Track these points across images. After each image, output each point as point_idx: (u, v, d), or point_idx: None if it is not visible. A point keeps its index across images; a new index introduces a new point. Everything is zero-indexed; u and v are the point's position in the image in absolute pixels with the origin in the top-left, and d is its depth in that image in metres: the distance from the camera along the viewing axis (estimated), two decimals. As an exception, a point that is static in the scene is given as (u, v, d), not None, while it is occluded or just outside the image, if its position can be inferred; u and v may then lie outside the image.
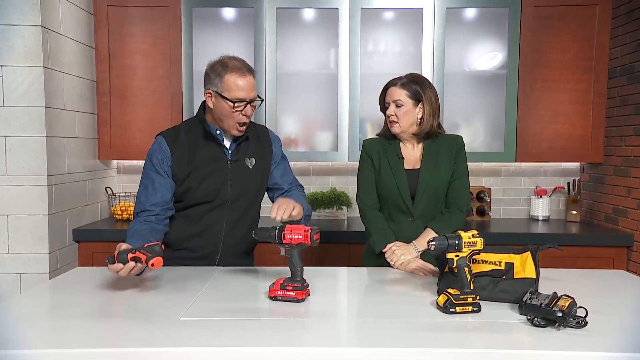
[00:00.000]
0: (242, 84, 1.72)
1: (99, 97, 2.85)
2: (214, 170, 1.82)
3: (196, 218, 1.84)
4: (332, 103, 2.89)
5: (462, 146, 1.98)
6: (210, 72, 1.76)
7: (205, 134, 1.83)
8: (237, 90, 1.72)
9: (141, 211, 1.77)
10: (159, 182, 1.78)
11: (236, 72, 1.72)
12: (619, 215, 2.74)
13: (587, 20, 2.77)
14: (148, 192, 1.78)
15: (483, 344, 1.16)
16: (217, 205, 1.84)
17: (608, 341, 1.15)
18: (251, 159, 1.88)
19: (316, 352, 1.11)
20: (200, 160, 1.81)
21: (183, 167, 1.80)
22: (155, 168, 1.79)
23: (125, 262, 1.48)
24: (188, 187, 1.81)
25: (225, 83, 1.72)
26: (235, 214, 1.86)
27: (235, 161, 1.85)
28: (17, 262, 2.37)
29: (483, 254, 1.44)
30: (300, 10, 2.93)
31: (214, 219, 1.84)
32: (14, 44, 2.30)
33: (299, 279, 1.44)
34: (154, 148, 1.82)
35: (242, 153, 1.87)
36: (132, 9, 2.81)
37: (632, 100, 2.63)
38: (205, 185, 1.81)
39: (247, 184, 1.87)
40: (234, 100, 1.72)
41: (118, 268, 1.48)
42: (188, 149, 1.82)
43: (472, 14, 2.98)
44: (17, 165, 2.34)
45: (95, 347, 1.12)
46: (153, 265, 1.46)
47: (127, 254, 1.48)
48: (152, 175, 1.79)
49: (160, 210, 1.77)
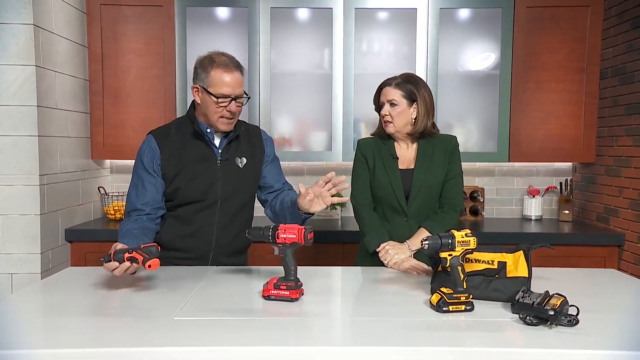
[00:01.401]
0: (228, 80, 1.71)
1: (92, 97, 2.83)
2: (203, 169, 1.81)
3: (187, 218, 1.83)
4: (326, 103, 2.89)
5: (457, 146, 1.99)
6: (198, 67, 1.76)
7: (194, 133, 1.82)
8: (222, 86, 1.71)
9: (132, 210, 1.78)
10: (148, 181, 1.78)
11: (222, 68, 1.71)
12: (610, 214, 2.76)
13: (579, 21, 2.79)
14: (138, 191, 1.78)
15: (476, 343, 1.16)
16: (208, 205, 1.82)
17: (599, 339, 1.16)
18: (242, 159, 1.86)
19: (310, 352, 1.11)
20: (189, 160, 1.80)
21: (172, 166, 1.79)
22: (145, 167, 1.79)
23: (122, 261, 1.48)
24: (177, 186, 1.79)
25: (212, 78, 1.71)
26: (227, 213, 1.85)
27: (225, 160, 1.83)
28: (9, 262, 2.36)
29: (476, 253, 1.45)
30: (294, 10, 2.93)
31: (205, 219, 1.83)
32: (6, 42, 2.28)
33: (293, 278, 1.44)
34: (144, 147, 1.82)
35: (233, 152, 1.85)
36: (125, 8, 2.79)
37: (624, 101, 2.65)
38: (195, 184, 1.80)
39: (238, 184, 1.85)
40: (218, 95, 1.71)
41: (113, 267, 1.48)
42: (177, 147, 1.80)
43: (465, 14, 2.99)
44: (8, 164, 2.32)
45: (88, 347, 1.11)
46: (150, 267, 1.46)
47: (123, 254, 1.48)
48: (142, 174, 1.79)
49: (150, 209, 1.77)
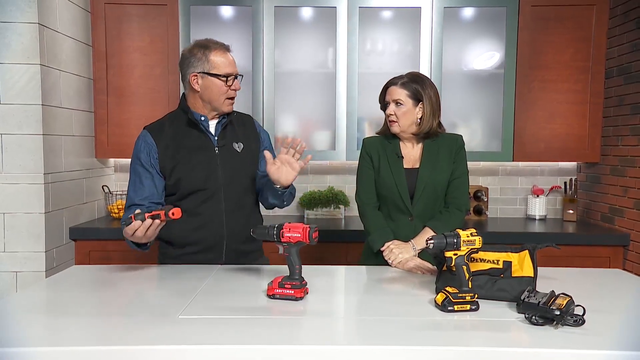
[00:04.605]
0: (227, 60, 1.81)
1: (96, 95, 2.84)
2: (201, 158, 1.83)
3: (194, 210, 1.82)
4: (330, 102, 2.89)
5: (462, 146, 1.98)
6: (191, 57, 1.80)
7: (189, 122, 1.84)
8: (226, 66, 1.80)
9: (131, 205, 1.80)
10: (145, 176, 1.81)
11: (219, 50, 1.81)
12: (615, 214, 2.75)
13: (585, 21, 2.78)
14: (136, 187, 1.81)
15: (481, 342, 1.16)
16: (212, 194, 1.83)
17: (605, 339, 1.16)
18: (239, 144, 1.89)
19: (314, 350, 1.11)
20: (186, 150, 1.82)
21: (170, 158, 1.81)
22: (142, 163, 1.81)
23: (144, 220, 1.53)
24: (178, 177, 1.81)
25: (212, 62, 1.78)
26: (231, 199, 1.86)
27: (222, 146, 1.86)
28: (13, 260, 2.36)
29: (481, 252, 1.45)
30: (298, 8, 2.93)
31: (211, 207, 1.84)
32: (10, 41, 2.29)
33: (298, 277, 1.44)
34: (139, 143, 1.84)
35: (229, 138, 1.88)
36: (129, 7, 2.80)
37: (629, 100, 2.64)
38: (195, 173, 1.81)
39: (238, 168, 1.87)
40: (225, 75, 1.79)
41: (136, 227, 1.54)
42: (173, 139, 1.83)
43: (470, 13, 2.98)
44: (13, 163, 2.33)
45: (93, 345, 1.11)
46: (173, 214, 1.51)
47: (144, 214, 1.51)
48: (139, 170, 1.82)
49: (149, 204, 1.79)
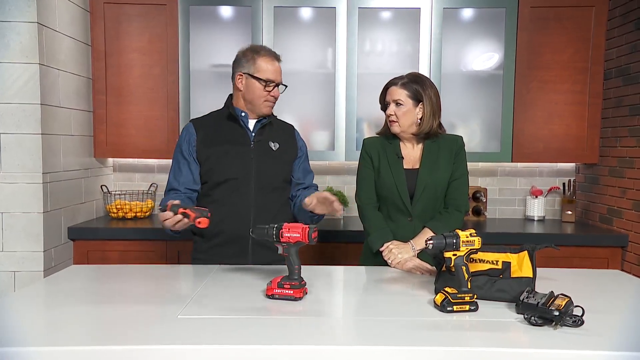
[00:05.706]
0: (273, 67, 1.93)
1: (95, 95, 2.83)
2: (237, 149, 1.93)
3: (223, 200, 1.91)
4: (329, 102, 2.89)
5: (462, 146, 1.98)
6: (242, 57, 1.94)
7: (229, 116, 1.97)
8: (268, 72, 1.91)
9: (170, 189, 1.96)
10: (183, 163, 1.95)
11: (267, 57, 1.92)
12: (613, 215, 2.75)
13: (583, 22, 2.78)
14: (175, 173, 1.96)
15: (480, 343, 1.16)
16: (242, 185, 1.91)
17: (604, 340, 1.16)
18: (275, 143, 1.98)
19: (313, 350, 1.11)
20: (223, 139, 1.94)
21: (206, 147, 1.93)
22: (182, 151, 1.96)
23: (176, 213, 1.62)
24: (211, 165, 1.92)
25: (258, 65, 1.91)
26: (262, 194, 1.93)
27: (258, 142, 1.95)
28: (12, 260, 2.36)
29: (480, 253, 1.45)
30: (297, 9, 2.93)
31: (240, 198, 1.91)
32: (9, 40, 2.29)
33: (297, 277, 1.44)
34: (183, 133, 1.99)
35: (266, 136, 1.98)
36: (128, 7, 2.79)
37: (628, 102, 2.65)
38: (228, 161, 1.91)
39: (271, 165, 1.95)
40: (265, 79, 1.90)
41: (167, 216, 1.63)
42: (212, 129, 1.96)
43: (469, 14, 2.98)
44: (12, 162, 2.32)
45: (91, 345, 1.11)
46: (200, 224, 1.60)
47: (178, 208, 1.62)
48: (178, 158, 1.97)
49: (185, 189, 1.94)
